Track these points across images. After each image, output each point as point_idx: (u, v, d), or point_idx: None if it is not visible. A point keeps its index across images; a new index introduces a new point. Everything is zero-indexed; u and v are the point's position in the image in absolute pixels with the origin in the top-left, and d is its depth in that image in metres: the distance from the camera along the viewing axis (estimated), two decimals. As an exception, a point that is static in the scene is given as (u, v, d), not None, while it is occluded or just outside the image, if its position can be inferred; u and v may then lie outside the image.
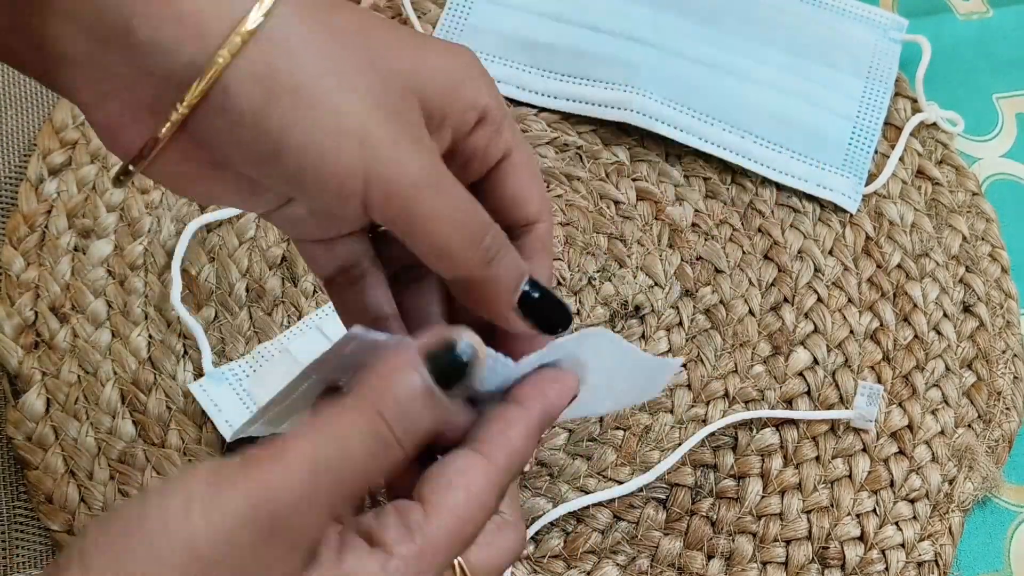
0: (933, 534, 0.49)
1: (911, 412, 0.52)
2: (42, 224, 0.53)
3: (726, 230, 0.56)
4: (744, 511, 0.49)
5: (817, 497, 0.50)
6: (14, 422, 0.49)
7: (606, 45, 0.58)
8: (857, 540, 0.49)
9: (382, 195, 0.29)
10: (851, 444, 0.51)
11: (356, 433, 0.27)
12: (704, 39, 0.59)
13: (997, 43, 0.63)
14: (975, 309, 0.54)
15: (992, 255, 0.56)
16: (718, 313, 0.53)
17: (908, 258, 0.55)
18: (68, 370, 0.50)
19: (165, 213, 0.54)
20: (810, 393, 0.52)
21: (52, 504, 0.47)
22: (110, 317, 0.51)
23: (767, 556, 0.48)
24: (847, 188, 0.57)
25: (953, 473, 0.51)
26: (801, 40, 0.59)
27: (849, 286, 0.55)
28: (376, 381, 0.28)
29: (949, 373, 0.53)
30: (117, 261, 0.52)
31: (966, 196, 0.58)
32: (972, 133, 0.60)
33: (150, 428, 0.49)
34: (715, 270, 0.55)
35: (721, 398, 0.51)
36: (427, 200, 0.29)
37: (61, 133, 0.55)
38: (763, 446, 0.50)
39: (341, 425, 0.27)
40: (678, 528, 0.49)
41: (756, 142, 0.57)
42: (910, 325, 0.54)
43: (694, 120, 0.57)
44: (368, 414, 0.27)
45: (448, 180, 0.30)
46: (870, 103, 0.58)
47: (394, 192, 0.29)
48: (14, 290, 0.51)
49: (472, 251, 0.31)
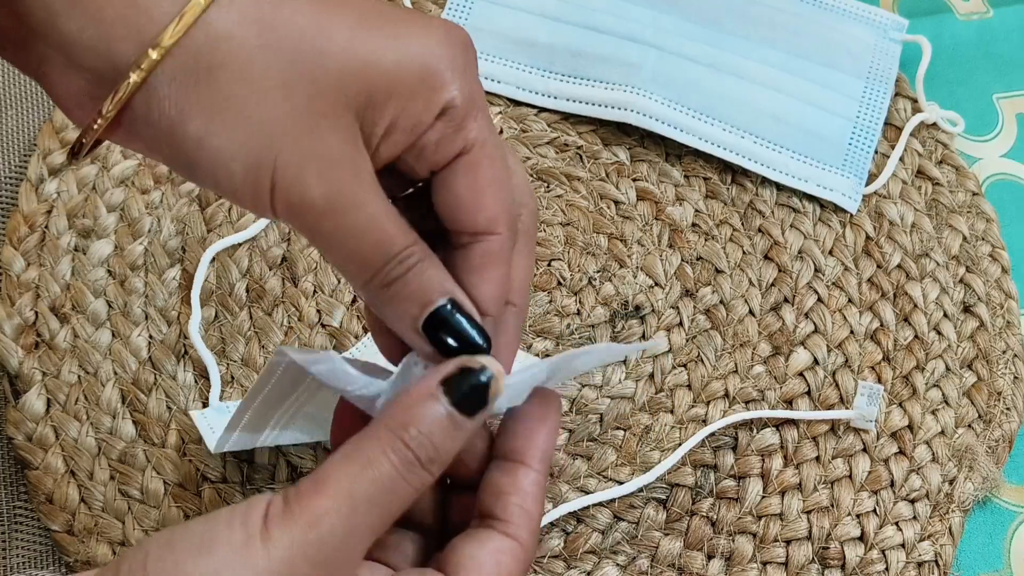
0: (933, 534, 0.49)
1: (911, 412, 0.52)
2: (42, 224, 0.53)
3: (726, 230, 0.56)
4: (744, 511, 0.49)
5: (817, 497, 0.50)
6: (14, 422, 0.49)
7: (606, 45, 0.58)
8: (857, 540, 0.49)
9: (287, 213, 0.30)
10: (851, 444, 0.51)
11: (387, 464, 0.29)
12: (704, 39, 0.59)
13: (997, 43, 0.63)
14: (975, 309, 0.54)
15: (992, 255, 0.56)
16: (718, 313, 0.53)
17: (908, 258, 0.55)
18: (68, 370, 0.50)
19: (165, 213, 0.54)
20: (810, 393, 0.52)
21: (52, 504, 0.47)
22: (110, 317, 0.51)
23: (767, 556, 0.48)
24: (847, 188, 0.57)
25: (953, 473, 0.51)
26: (801, 40, 0.59)
27: (849, 286, 0.55)
28: (401, 413, 0.29)
29: (949, 373, 0.53)
30: (117, 261, 0.52)
31: (966, 196, 0.58)
32: (972, 133, 0.60)
33: (150, 428, 0.49)
34: (715, 270, 0.55)
35: (721, 398, 0.51)
36: (328, 225, 0.30)
37: (61, 133, 0.55)
38: (763, 446, 0.50)
39: (373, 456, 0.29)
40: (678, 528, 0.49)
41: (756, 142, 0.57)
42: (910, 325, 0.54)
43: (694, 120, 0.57)
44: (396, 444, 0.29)
45: (358, 204, 0.30)
46: (870, 103, 0.58)
47: (296, 213, 0.30)
48: (14, 290, 0.51)
49: (370, 274, 0.31)
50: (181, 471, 0.48)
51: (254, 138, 0.29)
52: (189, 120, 0.29)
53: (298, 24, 0.30)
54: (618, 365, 0.52)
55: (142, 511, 0.48)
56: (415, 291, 0.31)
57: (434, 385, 0.30)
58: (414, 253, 0.31)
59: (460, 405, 0.30)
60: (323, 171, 0.30)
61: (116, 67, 0.28)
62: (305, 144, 0.29)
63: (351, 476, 0.28)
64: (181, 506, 0.48)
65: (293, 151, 0.29)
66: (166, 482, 0.48)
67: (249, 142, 0.29)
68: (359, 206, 0.30)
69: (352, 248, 0.30)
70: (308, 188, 0.29)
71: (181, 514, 0.48)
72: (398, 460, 0.29)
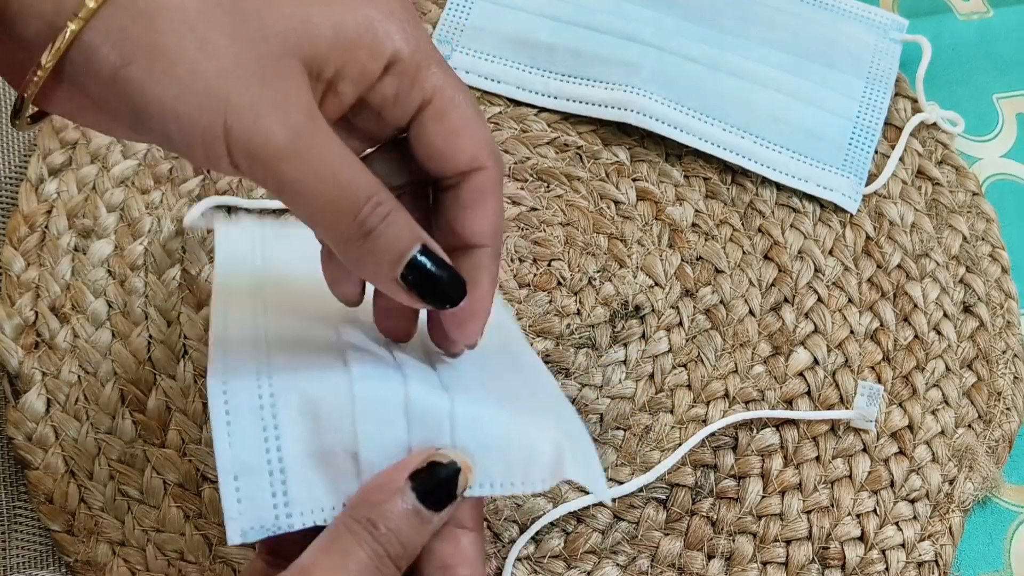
0: (933, 534, 0.49)
1: (911, 412, 0.52)
2: (42, 224, 0.53)
3: (726, 230, 0.56)
4: (744, 511, 0.49)
5: (817, 497, 0.50)
6: (14, 422, 0.49)
7: (606, 45, 0.58)
8: (857, 540, 0.49)
9: (246, 161, 0.29)
10: (851, 444, 0.51)
11: (363, 553, 0.30)
12: (704, 39, 0.59)
13: (997, 43, 0.63)
14: (975, 309, 0.54)
15: (992, 255, 0.56)
16: (718, 313, 0.53)
17: (908, 258, 0.55)
18: (68, 370, 0.50)
19: (165, 213, 0.54)
20: (810, 393, 0.52)
21: (52, 504, 0.47)
22: (110, 317, 0.51)
23: (767, 556, 0.48)
24: (847, 188, 0.57)
25: (953, 473, 0.51)
26: (801, 40, 0.59)
27: (849, 286, 0.55)
28: (369, 509, 0.31)
29: (949, 373, 0.53)
30: (117, 261, 0.52)
31: (966, 196, 0.58)
32: (972, 133, 0.60)
33: (150, 428, 0.49)
34: (715, 270, 0.55)
35: (721, 398, 0.51)
36: (292, 170, 0.29)
37: (61, 133, 0.55)
38: (763, 446, 0.50)
39: (349, 547, 0.30)
40: (678, 528, 0.49)
41: (756, 142, 0.57)
42: (910, 325, 0.54)
43: (694, 120, 0.57)
44: (367, 538, 0.30)
45: (319, 146, 0.29)
46: (870, 103, 0.58)
47: (257, 159, 0.29)
48: (14, 290, 0.51)
49: (344, 223, 0.30)
50: (181, 471, 0.48)
51: (201, 81, 0.28)
52: (131, 63, 0.28)
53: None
54: (618, 365, 0.52)
55: (142, 511, 0.48)
56: (392, 240, 0.30)
57: (402, 481, 0.31)
58: (383, 200, 0.30)
59: (427, 500, 0.31)
60: (279, 114, 0.29)
61: (54, 25, 0.28)
62: (255, 89, 0.28)
63: (335, 565, 0.30)
64: (181, 506, 0.48)
65: (244, 95, 0.28)
66: (166, 482, 0.48)
67: (195, 85, 0.28)
68: (320, 148, 0.29)
69: (319, 193, 0.29)
70: (265, 132, 0.28)
71: (181, 514, 0.48)
72: (371, 552, 0.30)
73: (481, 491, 0.32)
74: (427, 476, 0.31)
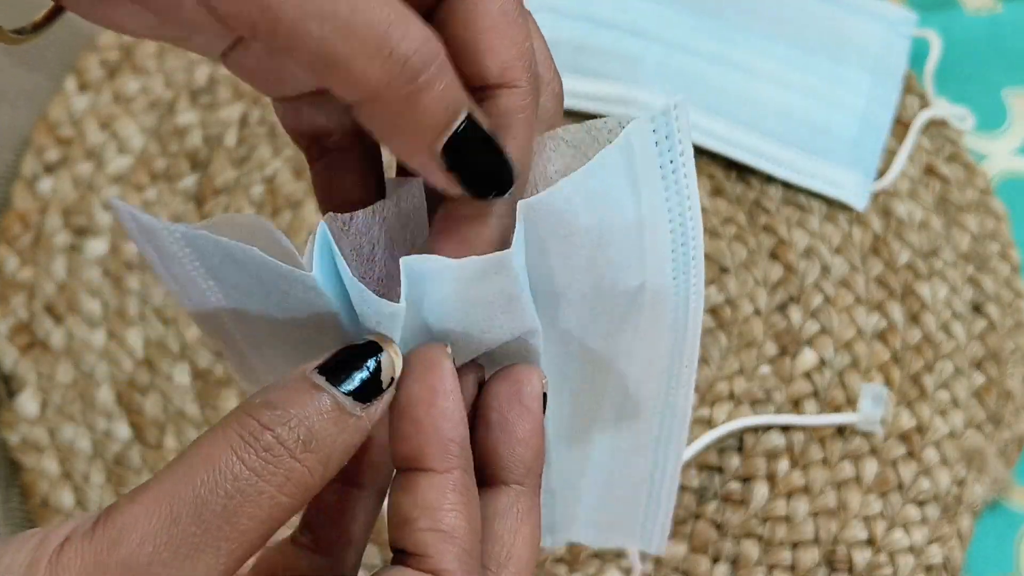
0: (942, 537, 0.49)
1: (920, 413, 0.51)
2: (37, 222, 0.52)
3: (731, 228, 0.55)
4: (750, 514, 0.48)
5: (824, 500, 0.49)
6: (8, 424, 0.48)
7: (608, 39, 0.57)
8: (865, 544, 0.48)
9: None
10: (859, 446, 0.50)
11: (232, 457, 0.22)
12: (709, 33, 0.58)
13: (1007, 38, 0.62)
14: (985, 309, 0.54)
15: (1002, 254, 0.55)
16: (723, 313, 0.53)
17: (917, 257, 0.55)
18: (63, 371, 0.49)
19: (161, 211, 0.53)
20: (817, 394, 0.51)
21: (48, 508, 0.47)
22: (106, 317, 0.51)
23: (773, 560, 0.48)
24: (855, 185, 0.56)
25: (962, 475, 0.50)
26: (808, 35, 0.59)
27: (857, 285, 0.54)
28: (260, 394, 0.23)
29: (958, 374, 0.52)
30: (113, 260, 0.52)
31: (975, 194, 0.57)
32: (982, 129, 0.60)
33: (146, 430, 0.48)
34: (720, 268, 0.54)
35: (727, 399, 0.51)
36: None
37: (56, 130, 0.54)
38: (769, 448, 0.50)
39: (212, 451, 0.22)
40: (683, 531, 0.48)
41: (762, 138, 0.56)
42: (919, 325, 0.53)
43: (699, 116, 0.56)
44: (247, 429, 0.22)
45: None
46: (879, 99, 0.58)
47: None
48: (8, 290, 0.51)
49: (383, 62, 0.22)
50: (178, 474, 0.48)
51: None
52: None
53: None
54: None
55: (138, 514, 0.47)
56: (440, 98, 0.23)
57: (310, 368, 0.23)
58: (441, 52, 0.23)
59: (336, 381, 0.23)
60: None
61: None
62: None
63: (176, 478, 0.22)
64: (178, 509, 0.47)
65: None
66: (163, 485, 0.48)
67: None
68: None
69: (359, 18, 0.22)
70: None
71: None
72: (250, 451, 0.22)
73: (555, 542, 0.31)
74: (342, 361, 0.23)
